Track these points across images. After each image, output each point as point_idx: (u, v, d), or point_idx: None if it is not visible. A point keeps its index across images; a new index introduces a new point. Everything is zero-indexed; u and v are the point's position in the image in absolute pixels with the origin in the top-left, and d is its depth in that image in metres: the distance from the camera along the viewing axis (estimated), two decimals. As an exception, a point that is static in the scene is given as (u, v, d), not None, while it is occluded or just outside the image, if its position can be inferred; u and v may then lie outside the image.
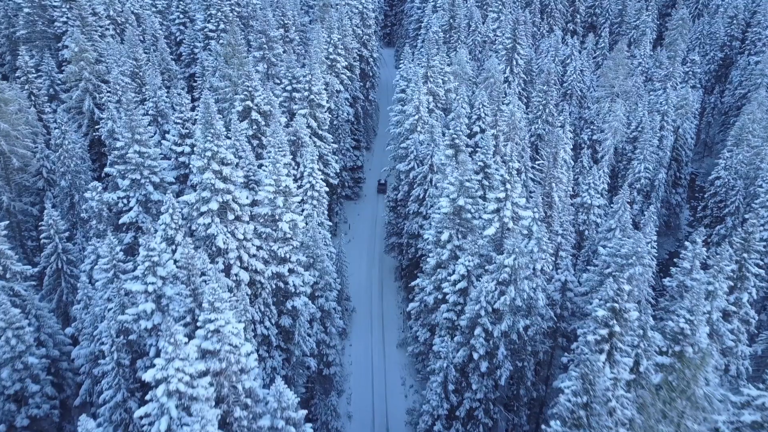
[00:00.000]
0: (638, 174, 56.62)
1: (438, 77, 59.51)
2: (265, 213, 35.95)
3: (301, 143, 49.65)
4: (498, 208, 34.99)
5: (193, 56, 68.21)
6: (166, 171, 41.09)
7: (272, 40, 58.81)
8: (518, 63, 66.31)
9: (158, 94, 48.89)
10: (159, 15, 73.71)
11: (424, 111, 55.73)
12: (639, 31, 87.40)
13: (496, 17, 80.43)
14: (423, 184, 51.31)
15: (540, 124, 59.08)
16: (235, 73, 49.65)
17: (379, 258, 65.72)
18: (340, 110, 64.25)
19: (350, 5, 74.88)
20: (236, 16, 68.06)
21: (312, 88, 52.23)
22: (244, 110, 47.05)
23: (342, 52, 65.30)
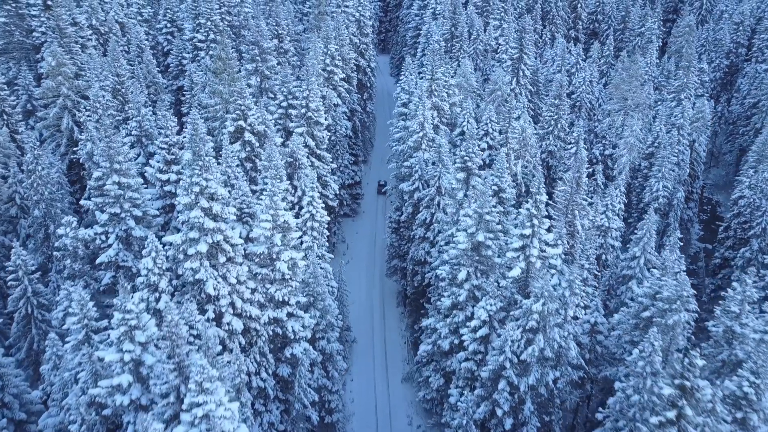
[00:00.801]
0: (656, 193, 52.68)
1: (443, 90, 55.33)
2: (261, 252, 31.57)
3: (299, 165, 45.26)
4: (523, 245, 30.80)
5: (182, 68, 63.59)
6: (150, 201, 36.60)
7: (265, 52, 54.35)
8: (525, 74, 62.29)
9: (142, 112, 44.29)
10: (145, 24, 69.04)
11: (429, 127, 51.52)
12: (644, 39, 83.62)
13: (498, 25, 76.46)
14: (430, 207, 47.06)
15: (551, 140, 55.04)
16: (225, 89, 45.20)
17: (379, 280, 61.39)
18: (338, 125, 59.93)
19: (347, 12, 70.57)
20: (227, 26, 63.58)
21: (309, 105, 47.88)
22: (236, 130, 42.62)
23: (339, 63, 60.97)
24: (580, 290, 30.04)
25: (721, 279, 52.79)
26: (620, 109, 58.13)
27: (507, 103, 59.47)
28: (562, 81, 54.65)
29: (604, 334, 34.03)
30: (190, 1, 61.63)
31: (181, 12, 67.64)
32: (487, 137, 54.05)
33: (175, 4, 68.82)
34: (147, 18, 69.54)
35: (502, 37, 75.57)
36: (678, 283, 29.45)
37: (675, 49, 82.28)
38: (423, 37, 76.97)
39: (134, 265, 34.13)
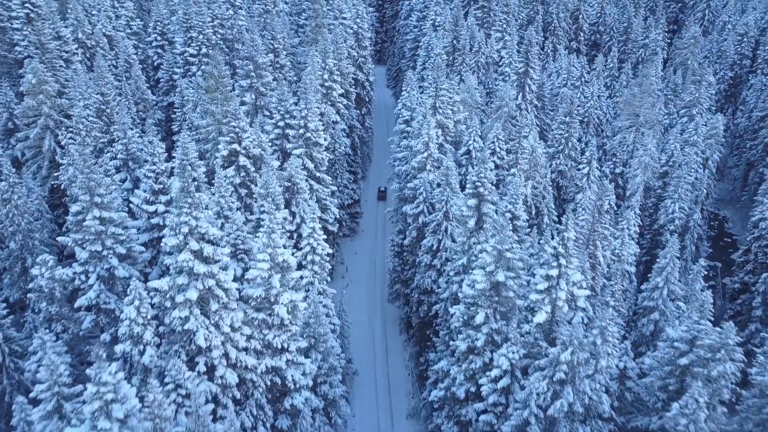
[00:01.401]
0: (672, 215, 49.71)
1: (447, 107, 52.20)
2: (258, 295, 28.21)
3: (297, 189, 41.94)
4: (549, 287, 27.60)
5: (172, 83, 60.17)
6: (136, 234, 33.14)
7: (261, 68, 51.04)
8: (531, 89, 59.32)
9: (129, 134, 40.90)
10: (134, 37, 65.62)
11: (434, 147, 48.34)
12: (648, 50, 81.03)
13: (500, 37, 73.56)
14: (437, 233, 43.84)
15: (562, 159, 52.01)
16: (218, 109, 41.86)
17: (381, 305, 58.03)
18: (337, 143, 56.69)
19: (345, 25, 67.45)
20: (220, 39, 60.28)
21: (308, 125, 44.60)
22: (230, 154, 39.28)
23: (338, 78, 57.77)
24: (612, 337, 26.87)
25: (740, 305, 49.81)
26: (631, 125, 55.24)
27: (514, 120, 56.55)
28: (572, 97, 51.63)
29: (634, 380, 30.85)
30: (181, 14, 58.32)
31: (172, 24, 64.31)
32: (494, 156, 51.00)
33: (166, 16, 65.50)
34: (136, 31, 66.12)
35: (504, 50, 72.63)
36: (722, 330, 26.31)
37: (680, 61, 79.71)
38: (423, 49, 73.92)
39: (118, 308, 30.64)
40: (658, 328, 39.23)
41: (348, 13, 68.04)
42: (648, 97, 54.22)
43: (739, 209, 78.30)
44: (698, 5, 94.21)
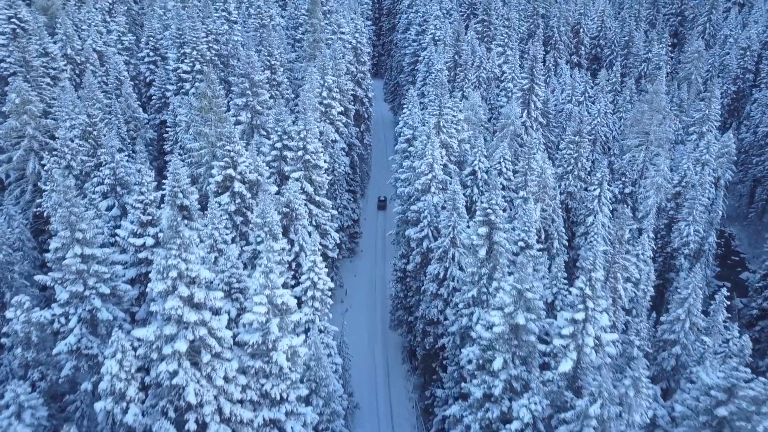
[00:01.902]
0: (686, 238, 47.27)
1: (451, 126, 49.70)
2: (255, 341, 25.40)
3: (296, 215, 39.22)
4: (574, 332, 24.92)
5: (165, 100, 57.47)
6: (122, 270, 30.32)
7: (257, 85, 48.49)
8: (536, 106, 56.96)
9: (117, 158, 38.09)
10: (126, 53, 62.91)
11: (438, 168, 45.78)
12: (651, 65, 78.99)
13: (501, 51, 71.34)
14: (443, 260, 41.14)
15: (571, 180, 49.52)
16: (212, 131, 39.16)
17: (382, 332, 55.12)
18: (336, 163, 54.08)
19: (343, 39, 65.03)
20: (215, 55, 57.70)
21: (307, 147, 41.95)
22: (224, 180, 36.53)
23: (337, 96, 55.22)
24: (646, 388, 24.18)
25: (759, 332, 47.29)
26: (641, 144, 52.87)
27: (520, 139, 54.13)
28: (581, 116, 49.22)
29: (664, 428, 28.13)
30: (174, 29, 55.71)
31: (165, 39, 61.70)
32: (500, 177, 48.49)
33: (159, 30, 62.90)
34: (128, 46, 63.43)
35: (506, 65, 70.38)
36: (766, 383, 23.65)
37: (684, 75, 77.75)
38: (422, 64, 71.62)
39: (100, 353, 27.74)
40: (680, 363, 36.64)
41: (346, 27, 65.65)
42: (658, 114, 51.91)
43: (746, 226, 76.10)
44: (698, 19, 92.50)
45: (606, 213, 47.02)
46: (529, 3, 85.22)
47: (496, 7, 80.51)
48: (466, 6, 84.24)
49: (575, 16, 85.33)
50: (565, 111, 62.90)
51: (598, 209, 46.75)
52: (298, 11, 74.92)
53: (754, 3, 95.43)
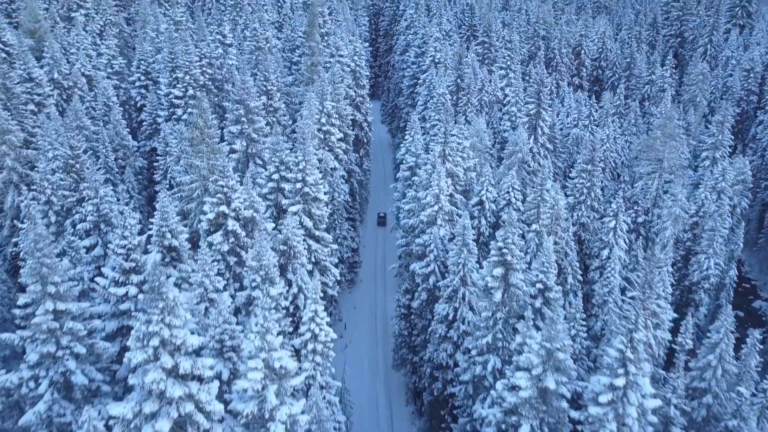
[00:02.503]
0: (706, 272, 44.35)
1: (457, 155, 46.82)
2: (249, 412, 22.05)
3: (294, 253, 35.98)
4: (613, 399, 21.75)
5: (156, 126, 54.43)
6: (101, 323, 26.99)
7: (252, 112, 45.56)
8: (543, 131, 54.26)
9: (101, 193, 34.90)
10: (116, 77, 59.95)
11: (445, 200, 42.78)
12: (655, 87, 76.76)
13: (504, 74, 68.89)
14: (453, 300, 37.94)
15: (584, 211, 46.61)
16: (204, 164, 36.05)
17: (384, 370, 51.62)
18: (336, 192, 51.01)
19: (342, 63, 62.37)
20: (208, 79, 54.81)
21: (306, 178, 38.87)
22: (216, 217, 33.33)
23: (336, 122, 52.36)
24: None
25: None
26: (653, 171, 50.14)
27: (528, 166, 51.34)
28: (593, 143, 46.45)
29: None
30: (167, 53, 52.83)
31: (157, 63, 58.82)
32: (509, 208, 45.54)
33: (150, 54, 60.04)
34: (118, 70, 60.48)
35: (509, 88, 67.86)
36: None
37: (688, 98, 75.55)
38: (423, 87, 69.09)
39: (75, 420, 24.30)
40: (711, 414, 33.46)
41: (345, 50, 63.05)
42: (671, 140, 49.29)
43: (756, 252, 73.29)
44: (699, 40, 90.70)
45: (622, 246, 44.07)
46: (529, 25, 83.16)
47: (497, 29, 78.38)
48: (466, 28, 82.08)
49: (576, 37, 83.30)
50: (572, 136, 60.28)
51: (613, 242, 43.80)
52: (294, 33, 72.46)
53: (754, 25, 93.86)
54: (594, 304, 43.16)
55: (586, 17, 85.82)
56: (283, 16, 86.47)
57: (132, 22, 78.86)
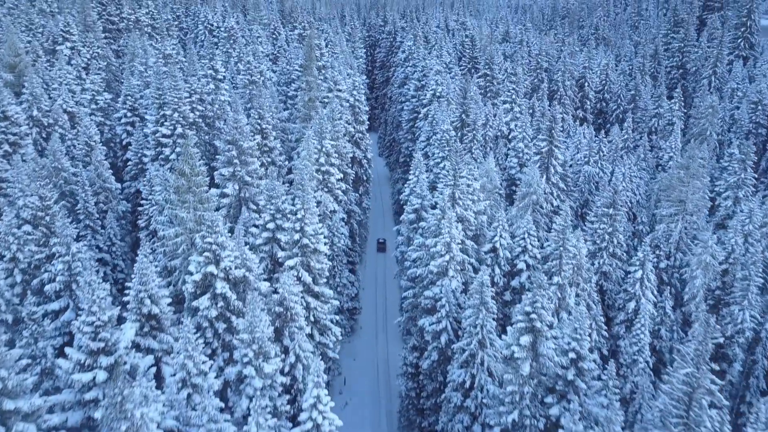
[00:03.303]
0: (741, 325, 40.25)
1: (467, 198, 42.93)
2: None
3: (291, 315, 31.64)
4: None
5: (142, 166, 50.36)
6: (61, 416, 22.40)
7: (246, 153, 41.65)
8: (556, 170, 50.60)
9: (73, 249, 30.60)
10: (101, 113, 56.05)
11: (456, 248, 38.71)
12: (663, 120, 73.74)
13: (509, 108, 65.64)
14: (469, 365, 33.58)
15: (606, 259, 42.65)
16: (190, 215, 31.87)
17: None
18: (335, 236, 46.88)
19: (340, 98, 58.88)
20: (198, 117, 50.95)
21: (305, 228, 34.72)
22: (204, 278, 29.03)
23: (336, 161, 48.49)
24: None
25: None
26: (676, 213, 46.38)
27: (541, 207, 47.53)
28: (615, 185, 42.75)
29: None
30: (154, 89, 49.04)
31: (145, 98, 55.03)
32: (524, 255, 41.61)
33: (138, 89, 56.29)
34: (103, 106, 56.59)
35: (514, 122, 64.68)
36: None
37: (697, 131, 72.42)
38: (425, 122, 65.73)
39: None
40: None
41: (343, 84, 59.63)
42: (696, 180, 45.67)
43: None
44: (703, 72, 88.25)
45: (650, 298, 40.03)
46: (531, 57, 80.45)
47: (499, 62, 75.53)
48: (467, 60, 79.18)
49: (579, 69, 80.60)
50: (584, 173, 56.69)
51: (640, 294, 39.76)
52: (290, 66, 69.11)
53: (757, 56, 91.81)
54: (622, 363, 38.99)
55: (589, 49, 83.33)
56: (278, 48, 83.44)
57: (122, 55, 75.47)
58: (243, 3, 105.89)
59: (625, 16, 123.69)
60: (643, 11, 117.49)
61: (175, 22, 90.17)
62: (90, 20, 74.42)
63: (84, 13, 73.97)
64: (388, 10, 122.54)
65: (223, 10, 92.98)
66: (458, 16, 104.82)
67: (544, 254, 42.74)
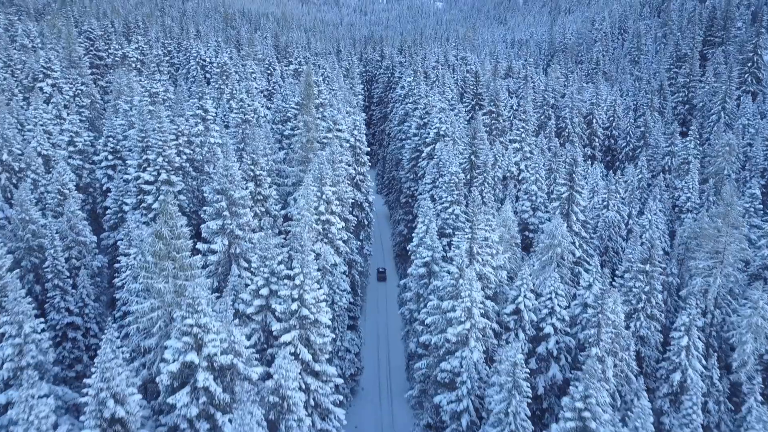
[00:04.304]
0: (800, 397, 35.06)
1: (486, 253, 37.86)
2: None
3: (288, 405, 26.08)
4: None
5: (122, 215, 45.04)
6: None
7: (237, 204, 36.56)
8: (578, 218, 45.79)
9: (25, 329, 25.08)
10: (79, 156, 50.94)
11: (478, 313, 33.45)
12: (677, 159, 69.67)
13: (518, 147, 61.22)
14: (499, 460, 28.01)
15: (643, 321, 37.48)
16: (169, 285, 26.50)
17: None
18: (336, 294, 41.55)
19: (340, 138, 54.19)
20: (186, 160, 45.95)
21: (304, 296, 29.39)
22: (183, 368, 23.50)
23: (337, 208, 43.49)
24: None
25: None
26: (714, 266, 41.47)
27: (562, 259, 42.48)
28: (651, 239, 37.89)
29: None
30: (137, 130, 44.11)
31: (127, 140, 50.06)
32: (551, 317, 36.41)
33: (120, 129, 51.39)
34: (82, 148, 51.47)
35: (524, 162, 60.22)
36: None
37: (714, 170, 68.28)
38: (429, 162, 61.20)
39: None
40: None
41: (343, 124, 55.02)
42: (734, 230, 40.94)
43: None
44: (712, 108, 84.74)
45: (697, 368, 34.75)
46: (537, 93, 76.62)
47: (504, 98, 71.53)
48: (470, 96, 75.17)
49: (587, 105, 76.77)
50: (603, 218, 51.89)
51: (686, 364, 34.49)
52: (286, 103, 64.60)
53: (766, 92, 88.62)
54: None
55: (597, 84, 79.70)
56: (273, 84, 79.22)
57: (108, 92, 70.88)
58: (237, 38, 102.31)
59: (624, 51, 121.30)
60: (642, 45, 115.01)
61: (166, 57, 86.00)
62: (75, 56, 70.04)
63: (69, 48, 69.56)
64: (385, 45, 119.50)
65: (216, 45, 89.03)
66: (457, 50, 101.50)
67: (572, 314, 37.71)
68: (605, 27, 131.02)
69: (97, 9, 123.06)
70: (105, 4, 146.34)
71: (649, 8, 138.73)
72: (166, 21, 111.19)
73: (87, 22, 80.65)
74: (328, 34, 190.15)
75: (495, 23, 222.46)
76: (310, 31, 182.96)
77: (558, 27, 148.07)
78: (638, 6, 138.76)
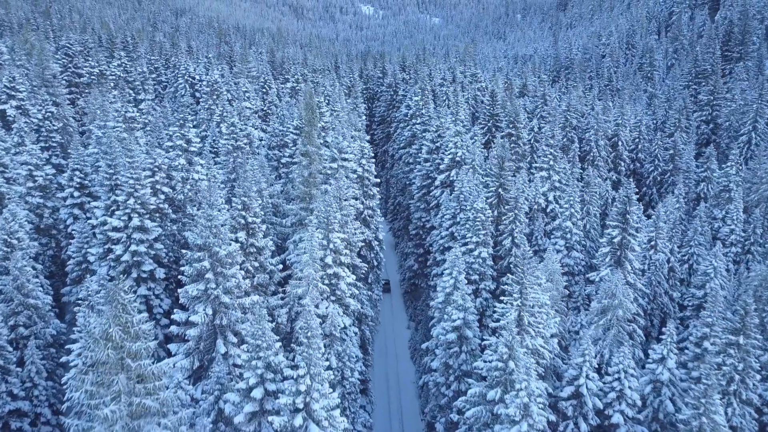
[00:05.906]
0: None
1: (537, 321, 29.62)
2: None
3: None
4: None
5: (87, 266, 36.59)
6: None
7: (223, 263, 28.28)
8: (632, 266, 37.70)
9: None
10: (40, 193, 42.45)
11: (536, 411, 25.15)
12: (715, 186, 61.97)
13: (546, 176, 53.30)
14: None
15: (736, 407, 29.18)
16: (121, 413, 18.06)
17: None
18: (346, 367, 33.22)
19: (346, 168, 46.04)
20: (164, 201, 37.54)
21: (312, 405, 21.03)
22: None
23: (347, 259, 35.25)
24: None
25: None
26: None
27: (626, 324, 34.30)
28: (746, 304, 29.75)
29: None
30: (105, 166, 35.77)
31: (97, 173, 41.69)
32: (620, 403, 28.29)
33: (92, 160, 43.10)
34: (43, 183, 42.98)
35: (552, 192, 52.32)
36: None
37: (757, 198, 60.64)
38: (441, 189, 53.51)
39: None
40: None
41: (350, 152, 46.92)
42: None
43: None
44: (741, 128, 77.35)
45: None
46: (559, 113, 68.97)
47: (524, 119, 63.81)
48: (486, 117, 67.35)
49: (612, 127, 69.19)
50: (654, 263, 43.80)
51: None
52: (284, 126, 56.65)
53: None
54: None
55: (621, 103, 72.20)
56: (269, 104, 71.21)
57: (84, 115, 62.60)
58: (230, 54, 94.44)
59: (634, 67, 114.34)
60: (654, 61, 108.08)
61: (152, 75, 77.82)
62: (49, 73, 61.69)
63: (42, 66, 61.23)
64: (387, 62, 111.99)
65: (206, 61, 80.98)
66: (465, 66, 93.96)
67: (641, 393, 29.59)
68: (613, 42, 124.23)
69: (84, 23, 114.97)
70: (95, 19, 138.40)
71: (656, 23, 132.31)
72: (158, 37, 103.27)
73: (65, 37, 72.40)
74: (324, 50, 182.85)
75: (494, 39, 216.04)
76: (306, 46, 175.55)
77: (563, 42, 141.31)
78: (645, 21, 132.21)
